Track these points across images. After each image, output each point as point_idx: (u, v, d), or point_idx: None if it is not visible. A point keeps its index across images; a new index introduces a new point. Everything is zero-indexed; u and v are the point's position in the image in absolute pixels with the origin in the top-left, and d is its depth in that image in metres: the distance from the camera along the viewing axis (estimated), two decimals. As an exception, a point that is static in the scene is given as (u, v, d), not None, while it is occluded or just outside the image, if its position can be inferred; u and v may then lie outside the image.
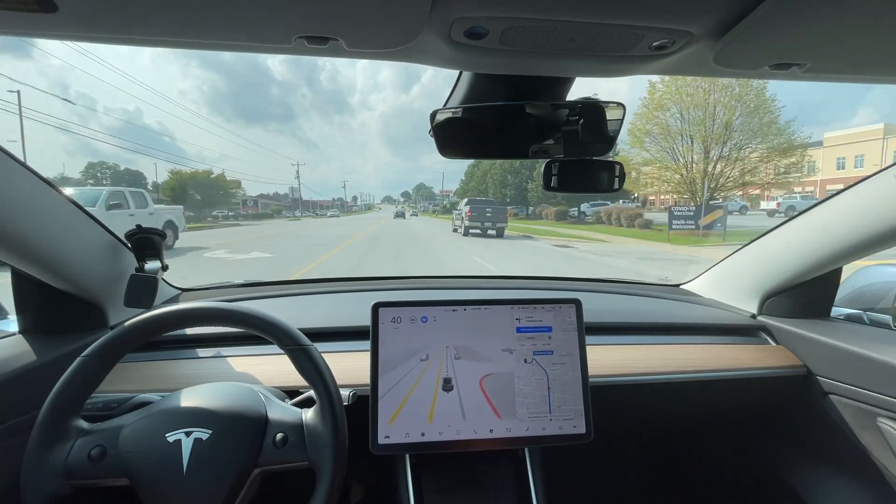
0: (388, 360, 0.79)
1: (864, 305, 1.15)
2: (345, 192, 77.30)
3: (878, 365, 0.90)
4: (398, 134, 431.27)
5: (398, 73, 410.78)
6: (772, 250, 1.14)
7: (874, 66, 0.57)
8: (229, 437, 0.63)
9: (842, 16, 0.45)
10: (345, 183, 69.12)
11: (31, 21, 0.45)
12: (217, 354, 0.94)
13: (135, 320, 0.66)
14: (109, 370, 0.65)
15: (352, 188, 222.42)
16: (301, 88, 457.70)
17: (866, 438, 0.95)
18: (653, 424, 1.27)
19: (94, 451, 0.61)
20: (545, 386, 0.81)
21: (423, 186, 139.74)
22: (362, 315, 0.87)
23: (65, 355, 0.82)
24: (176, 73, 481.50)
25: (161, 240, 1.00)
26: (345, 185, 69.25)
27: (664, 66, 0.61)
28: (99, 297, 0.92)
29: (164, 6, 0.43)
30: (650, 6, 0.46)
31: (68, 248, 0.83)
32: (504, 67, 0.63)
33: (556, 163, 0.77)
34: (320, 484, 0.63)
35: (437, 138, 0.74)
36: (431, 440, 0.78)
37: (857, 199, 0.92)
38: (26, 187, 0.73)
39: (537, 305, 0.84)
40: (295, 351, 0.68)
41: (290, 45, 0.51)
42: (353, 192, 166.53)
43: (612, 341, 1.08)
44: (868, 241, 0.91)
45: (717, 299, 1.32)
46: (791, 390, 1.07)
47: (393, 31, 0.50)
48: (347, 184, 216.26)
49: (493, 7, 0.46)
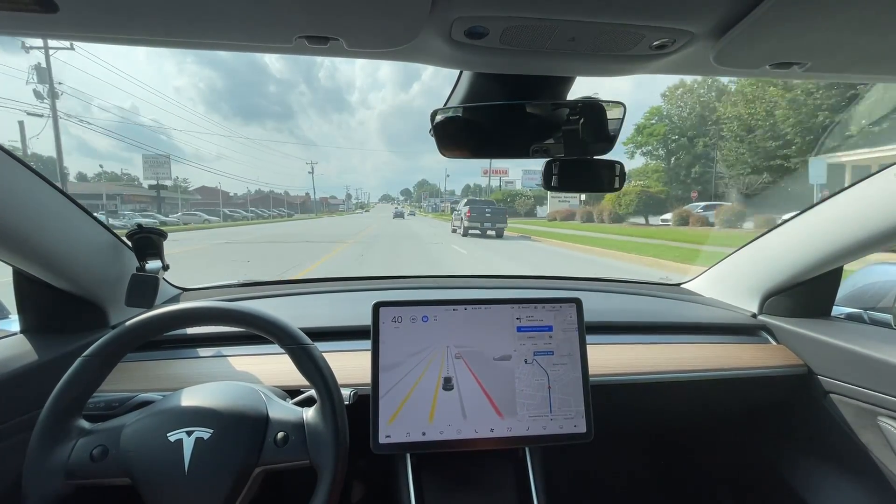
0: (388, 359, 0.79)
1: (864, 305, 1.15)
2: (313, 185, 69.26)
3: (879, 364, 0.89)
4: (398, 133, 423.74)
5: (398, 70, 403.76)
6: (772, 249, 1.13)
7: (875, 64, 0.57)
8: (230, 436, 0.63)
9: (842, 14, 0.45)
10: (312, 167, 62.09)
11: (31, 21, 0.45)
12: (218, 354, 0.95)
13: (136, 320, 0.67)
14: (111, 370, 0.65)
15: (350, 187, 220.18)
16: (299, 86, 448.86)
17: (867, 438, 0.95)
18: (653, 424, 1.27)
19: (96, 451, 0.61)
20: (546, 386, 0.81)
21: (427, 183, 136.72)
22: (363, 315, 0.87)
23: (66, 355, 0.82)
24: (171, 70, 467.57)
25: (162, 239, 1.00)
26: (312, 169, 61.55)
27: (664, 65, 0.61)
28: (100, 297, 0.92)
29: (165, 6, 0.43)
30: (650, 6, 0.46)
31: (69, 247, 0.83)
32: (504, 67, 0.63)
33: (557, 162, 0.77)
34: (321, 483, 0.63)
35: (438, 138, 0.74)
36: (432, 439, 0.78)
37: (858, 199, 0.92)
38: (27, 187, 0.73)
39: (538, 305, 0.85)
40: (295, 350, 0.68)
41: (291, 45, 0.51)
42: (350, 189, 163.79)
43: (612, 341, 1.08)
44: (868, 241, 0.91)
45: (718, 298, 1.32)
46: (792, 389, 1.07)
47: (393, 31, 0.50)
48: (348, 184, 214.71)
49: (494, 6, 0.46)
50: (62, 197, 0.81)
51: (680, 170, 33.01)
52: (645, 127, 35.38)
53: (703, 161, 31.03)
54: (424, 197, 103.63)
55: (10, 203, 0.70)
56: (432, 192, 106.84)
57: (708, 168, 30.46)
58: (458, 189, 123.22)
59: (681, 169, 32.86)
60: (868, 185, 0.90)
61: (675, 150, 33.85)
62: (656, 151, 35.72)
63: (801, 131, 20.69)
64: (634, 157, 36.58)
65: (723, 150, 26.42)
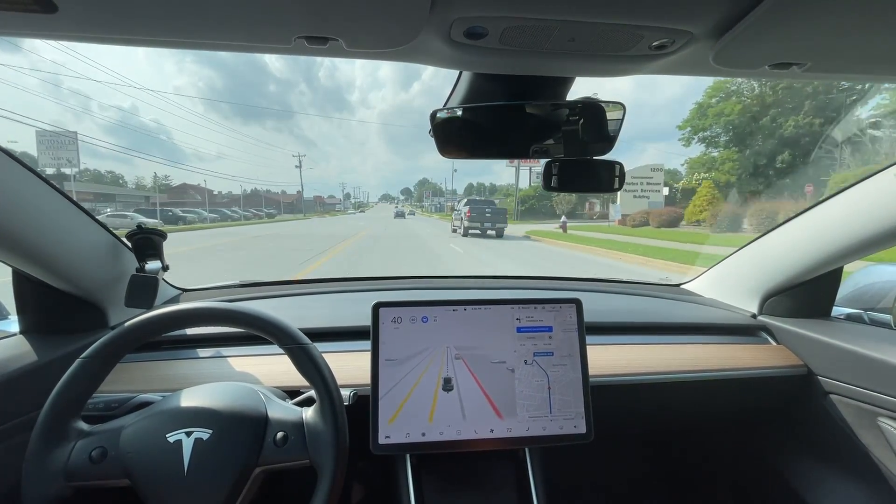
0: (388, 359, 0.79)
1: (864, 305, 1.15)
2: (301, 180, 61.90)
3: (879, 364, 0.89)
4: (397, 132, 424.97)
5: (398, 70, 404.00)
6: (772, 250, 1.13)
7: (875, 64, 0.57)
8: (230, 436, 0.63)
9: (841, 14, 0.45)
10: (300, 160, 57.03)
11: (31, 21, 0.45)
12: (217, 354, 0.94)
13: (135, 321, 0.66)
14: (110, 371, 0.65)
15: (348, 185, 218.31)
16: (299, 85, 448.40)
17: (867, 438, 0.95)
18: (653, 424, 1.27)
19: (95, 452, 0.61)
20: (545, 387, 0.81)
21: (428, 182, 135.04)
22: (362, 315, 0.87)
23: (65, 356, 0.82)
24: (171, 69, 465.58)
25: (162, 240, 1.00)
26: (300, 163, 56.23)
27: (664, 65, 0.61)
28: (99, 298, 0.92)
29: (164, 7, 0.43)
30: (650, 6, 0.46)
31: (69, 248, 0.83)
32: (504, 67, 0.63)
33: (557, 162, 0.77)
34: (321, 483, 0.63)
35: (437, 138, 0.74)
36: (432, 440, 0.78)
37: (858, 199, 0.92)
38: (27, 187, 0.73)
39: (537, 305, 0.84)
40: (295, 350, 0.68)
41: (290, 46, 0.51)
42: (349, 189, 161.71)
43: (612, 341, 1.08)
44: (868, 241, 0.91)
45: (718, 299, 1.32)
46: (792, 390, 1.07)
47: (393, 31, 0.50)
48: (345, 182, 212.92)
49: (493, 7, 0.46)
50: (61, 197, 0.81)
51: (759, 158, 23.93)
52: (709, 106, 26.49)
53: (796, 145, 22.22)
54: (427, 195, 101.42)
55: (10, 204, 0.70)
56: (435, 192, 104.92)
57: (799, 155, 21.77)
58: (459, 188, 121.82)
59: (760, 157, 23.88)
60: (868, 185, 0.90)
61: (750, 133, 24.75)
62: (721, 137, 26.64)
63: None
64: (690, 145, 28.27)
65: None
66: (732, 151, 25.62)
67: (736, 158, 25.26)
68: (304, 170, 58.02)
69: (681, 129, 27.90)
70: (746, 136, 25.26)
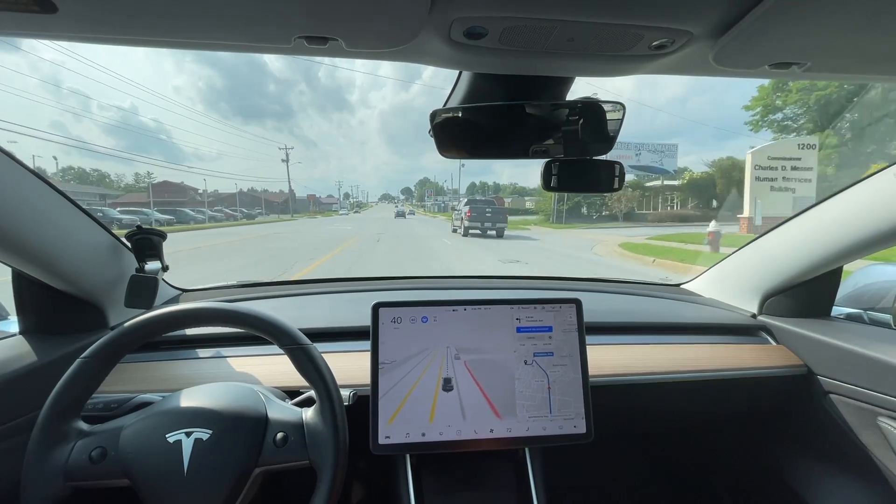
0: (388, 360, 0.79)
1: (864, 305, 1.15)
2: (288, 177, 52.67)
3: (879, 364, 0.89)
4: (398, 132, 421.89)
5: (398, 69, 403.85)
6: (772, 250, 1.13)
7: (874, 64, 0.57)
8: (230, 436, 0.63)
9: (841, 14, 0.45)
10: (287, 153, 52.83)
11: (31, 21, 0.45)
12: (217, 354, 0.94)
13: (135, 321, 0.66)
14: (109, 371, 0.65)
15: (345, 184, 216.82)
16: (299, 85, 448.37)
17: (867, 438, 0.95)
18: (653, 424, 1.27)
19: (95, 453, 0.61)
20: (545, 387, 0.81)
21: (429, 182, 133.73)
22: (362, 315, 0.87)
23: (65, 356, 0.82)
24: (171, 69, 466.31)
25: (161, 240, 1.00)
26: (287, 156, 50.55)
27: (664, 65, 0.61)
28: (99, 298, 0.92)
29: (164, 7, 0.43)
30: (649, 6, 0.46)
31: (69, 248, 0.83)
32: (504, 67, 0.63)
33: (556, 163, 0.77)
34: (321, 483, 0.63)
35: (437, 138, 0.74)
36: (432, 440, 0.78)
37: (858, 199, 0.92)
38: (27, 188, 0.73)
39: (537, 305, 0.84)
40: (294, 350, 0.68)
41: (290, 46, 0.51)
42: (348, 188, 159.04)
43: (612, 341, 1.08)
44: (868, 241, 0.91)
45: (718, 299, 1.32)
46: (792, 390, 1.07)
47: (392, 32, 0.50)
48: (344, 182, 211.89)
49: (493, 7, 0.46)
50: (61, 198, 0.81)
51: (859, 144, 17.31)
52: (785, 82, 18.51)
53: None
54: (429, 194, 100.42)
55: (10, 204, 0.70)
56: (438, 191, 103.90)
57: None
58: (462, 187, 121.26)
59: (860, 143, 17.27)
60: (868, 185, 0.90)
61: (839, 111, 18.09)
62: (801, 119, 20.02)
63: None
64: (760, 131, 21.91)
65: None
66: (826, 135, 18.08)
67: (835, 145, 18.18)
68: (304, 169, 56.30)
69: (748, 109, 21.65)
70: (838, 115, 18.39)
